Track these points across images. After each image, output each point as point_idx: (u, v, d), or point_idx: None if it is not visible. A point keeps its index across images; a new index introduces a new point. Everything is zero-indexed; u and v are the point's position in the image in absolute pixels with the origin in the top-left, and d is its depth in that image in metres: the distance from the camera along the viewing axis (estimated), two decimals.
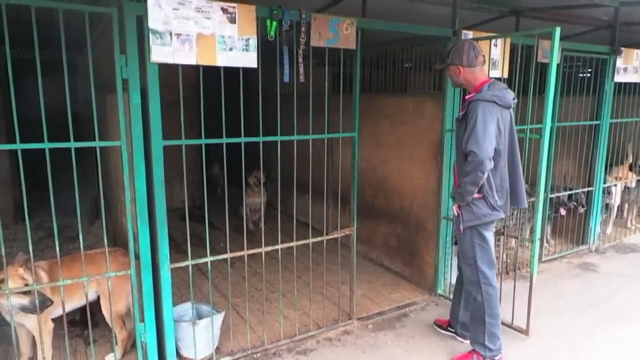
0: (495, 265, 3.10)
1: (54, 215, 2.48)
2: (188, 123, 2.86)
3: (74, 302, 2.94)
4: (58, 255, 2.59)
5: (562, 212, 5.03)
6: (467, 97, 2.99)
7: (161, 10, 2.45)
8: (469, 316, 3.25)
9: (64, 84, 2.41)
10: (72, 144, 2.42)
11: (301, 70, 2.98)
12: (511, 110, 2.96)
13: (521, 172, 3.08)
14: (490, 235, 3.04)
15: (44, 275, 2.74)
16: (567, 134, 4.98)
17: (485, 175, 2.82)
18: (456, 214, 3.07)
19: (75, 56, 5.68)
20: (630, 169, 5.93)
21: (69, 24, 2.36)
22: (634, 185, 5.88)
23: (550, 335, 3.51)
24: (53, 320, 2.83)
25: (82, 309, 3.00)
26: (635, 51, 5.13)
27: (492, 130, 2.79)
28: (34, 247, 2.56)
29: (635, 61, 5.14)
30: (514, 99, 2.94)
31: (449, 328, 3.51)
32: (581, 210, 5.12)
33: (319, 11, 4.46)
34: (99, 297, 3.03)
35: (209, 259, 2.98)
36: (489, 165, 2.78)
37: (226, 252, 3.08)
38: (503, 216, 3.02)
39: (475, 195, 2.92)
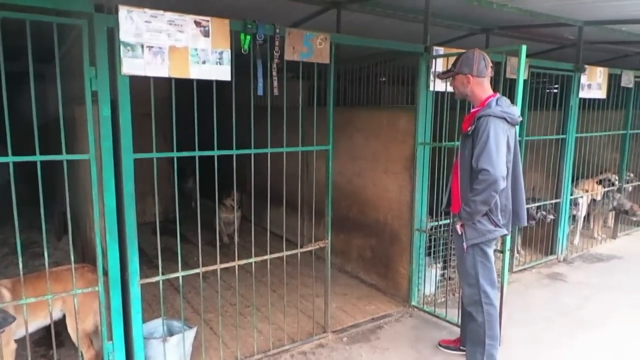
0: (497, 284, 3.02)
1: (18, 231, 2.40)
2: (161, 136, 2.83)
3: (39, 321, 2.83)
4: (21, 273, 2.49)
5: (531, 223, 5.14)
6: (474, 111, 2.88)
7: (133, 23, 2.43)
8: (467, 337, 3.16)
9: (31, 95, 2.36)
10: (38, 157, 2.35)
11: (275, 83, 3.00)
12: (516, 127, 2.88)
13: (523, 190, 2.98)
14: (491, 252, 2.96)
15: (6, 294, 2.63)
16: (535, 147, 5.14)
17: (497, 195, 2.72)
18: (459, 232, 2.93)
19: (46, 68, 5.55)
20: (599, 183, 6.13)
21: (38, 35, 2.31)
22: (599, 198, 6.08)
23: (521, 345, 3.57)
24: (16, 341, 2.71)
25: (47, 328, 2.89)
26: (599, 69, 5.35)
27: (504, 148, 2.70)
28: None
29: (598, 78, 5.35)
30: (519, 115, 2.87)
31: (461, 347, 3.39)
32: (550, 218, 5.24)
33: (295, 25, 4.51)
34: (65, 316, 2.93)
35: (180, 273, 2.93)
36: (503, 184, 2.68)
37: (199, 266, 3.04)
38: (506, 233, 2.95)
39: None
